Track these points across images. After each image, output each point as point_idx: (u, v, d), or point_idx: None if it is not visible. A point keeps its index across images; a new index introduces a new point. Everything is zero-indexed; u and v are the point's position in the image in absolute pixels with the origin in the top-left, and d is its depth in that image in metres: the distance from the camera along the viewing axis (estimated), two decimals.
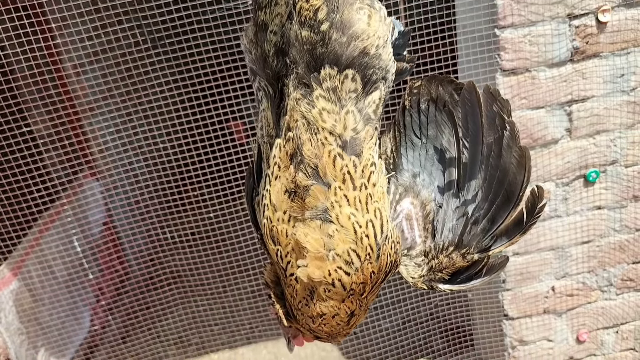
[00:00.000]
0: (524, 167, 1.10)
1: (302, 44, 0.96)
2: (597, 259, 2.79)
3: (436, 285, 1.13)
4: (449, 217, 1.15)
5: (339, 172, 0.99)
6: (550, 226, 2.69)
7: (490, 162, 1.12)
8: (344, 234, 1.00)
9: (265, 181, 1.05)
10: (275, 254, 1.04)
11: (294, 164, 1.00)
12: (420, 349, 3.27)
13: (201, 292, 3.63)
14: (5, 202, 2.94)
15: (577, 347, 2.97)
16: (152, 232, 3.75)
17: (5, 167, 2.84)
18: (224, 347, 3.93)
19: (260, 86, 1.04)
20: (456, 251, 1.13)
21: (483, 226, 1.12)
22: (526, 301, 2.84)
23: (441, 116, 1.16)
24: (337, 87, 0.98)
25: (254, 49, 1.02)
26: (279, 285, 1.12)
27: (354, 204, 1.00)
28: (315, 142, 0.98)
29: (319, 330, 1.08)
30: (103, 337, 3.97)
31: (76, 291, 3.60)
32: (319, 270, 1.00)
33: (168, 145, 3.53)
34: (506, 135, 1.10)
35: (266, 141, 1.06)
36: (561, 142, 2.56)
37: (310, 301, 1.04)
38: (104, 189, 4.01)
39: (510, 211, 1.11)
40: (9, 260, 3.18)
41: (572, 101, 2.49)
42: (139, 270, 3.99)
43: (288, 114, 1.00)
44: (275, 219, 1.02)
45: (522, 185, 1.10)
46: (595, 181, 2.63)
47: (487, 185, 1.13)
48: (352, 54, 0.96)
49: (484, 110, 1.11)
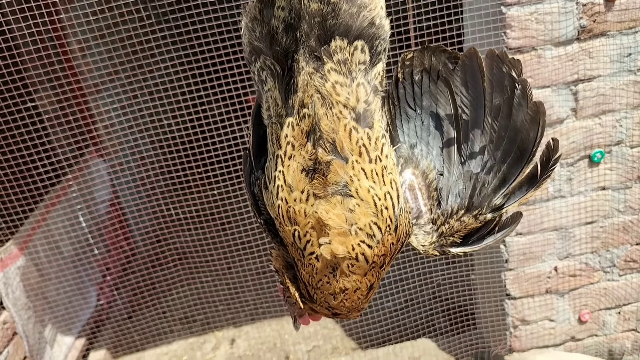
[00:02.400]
0: (538, 122, 1.09)
1: (313, 16, 0.95)
2: (600, 240, 2.79)
3: (448, 249, 1.14)
4: (454, 183, 1.15)
5: (355, 145, 0.99)
6: (554, 206, 2.69)
7: (499, 123, 1.11)
8: (364, 207, 1.00)
9: (277, 162, 1.03)
10: (292, 235, 1.03)
11: (312, 140, 0.99)
12: (422, 327, 3.30)
13: (206, 271, 3.66)
14: (12, 179, 2.96)
15: (578, 328, 2.98)
16: (158, 210, 3.77)
17: (12, 144, 2.86)
18: (229, 325, 3.98)
19: (265, 65, 1.02)
20: (467, 214, 1.13)
21: (494, 186, 1.12)
22: (528, 281, 2.85)
23: (435, 86, 1.15)
24: (348, 59, 0.97)
25: (259, 27, 1.00)
26: (290, 269, 1.11)
27: (372, 177, 1.00)
28: (331, 117, 0.98)
29: (340, 307, 1.08)
30: (109, 314, 4.03)
31: (82, 268, 3.64)
32: (342, 246, 1.00)
33: (173, 123, 3.53)
34: (517, 94, 1.10)
35: (275, 121, 1.04)
36: (566, 122, 2.54)
37: (332, 278, 1.03)
38: (110, 167, 4.03)
39: (523, 168, 1.11)
40: (16, 237, 3.22)
41: (578, 80, 2.47)
42: (145, 249, 4.03)
43: (301, 90, 0.99)
44: (291, 199, 1.01)
45: (536, 141, 1.09)
46: (600, 162, 2.62)
47: (494, 146, 1.12)
48: (362, 24, 0.96)
49: (487, 74, 1.11)
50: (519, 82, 1.09)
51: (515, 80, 1.10)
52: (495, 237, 1.14)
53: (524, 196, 1.12)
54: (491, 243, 1.14)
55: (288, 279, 1.11)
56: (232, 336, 3.94)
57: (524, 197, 1.12)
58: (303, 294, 1.09)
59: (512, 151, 1.11)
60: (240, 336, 3.92)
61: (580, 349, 3.03)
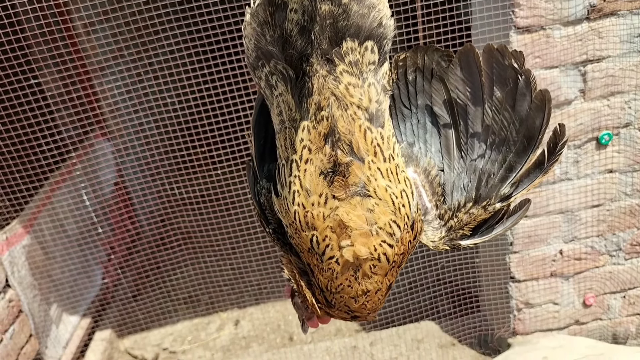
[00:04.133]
0: (544, 110, 1.09)
1: (324, 18, 0.94)
2: (606, 223, 2.77)
3: (458, 243, 1.14)
4: (457, 177, 1.16)
5: (370, 145, 1.00)
6: (560, 189, 2.66)
7: (503, 114, 1.12)
8: (383, 207, 1.00)
9: (292, 168, 1.02)
10: (309, 241, 1.02)
11: (330, 143, 0.99)
12: (426, 310, 3.30)
13: (210, 252, 3.67)
14: (17, 159, 2.97)
15: (583, 311, 2.97)
16: (163, 191, 3.78)
17: (16, 123, 2.86)
18: (233, 306, 4.00)
19: (277, 69, 1.00)
20: (476, 205, 1.14)
21: (501, 176, 1.13)
22: (533, 264, 2.83)
23: (429, 85, 1.16)
24: (359, 60, 0.98)
25: (270, 31, 0.97)
26: (303, 276, 1.11)
27: (387, 176, 1.01)
28: (347, 118, 0.99)
29: (361, 309, 1.07)
30: (114, 294, 4.05)
31: (87, 248, 3.66)
32: (365, 247, 1.00)
33: (178, 104, 3.52)
34: (520, 85, 1.10)
35: (289, 126, 1.02)
36: (574, 103, 2.51)
37: (354, 281, 1.03)
38: (115, 148, 4.03)
39: (529, 155, 1.11)
40: (21, 217, 3.23)
41: (587, 61, 2.44)
42: (150, 229, 4.04)
43: (316, 93, 0.98)
44: (309, 204, 1.00)
45: (542, 129, 1.09)
46: (607, 144, 2.59)
47: (497, 137, 1.13)
48: (372, 25, 0.97)
49: (485, 69, 1.11)
50: (521, 73, 1.10)
51: (518, 72, 1.10)
52: (505, 225, 1.15)
53: (532, 183, 1.12)
54: (501, 232, 1.15)
55: (304, 286, 1.10)
56: (237, 317, 3.96)
57: (532, 184, 1.12)
58: (319, 299, 1.08)
59: (518, 140, 1.11)
60: (245, 317, 3.94)
61: (584, 332, 3.02)
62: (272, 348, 3.57)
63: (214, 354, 3.67)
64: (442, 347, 3.22)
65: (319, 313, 1.11)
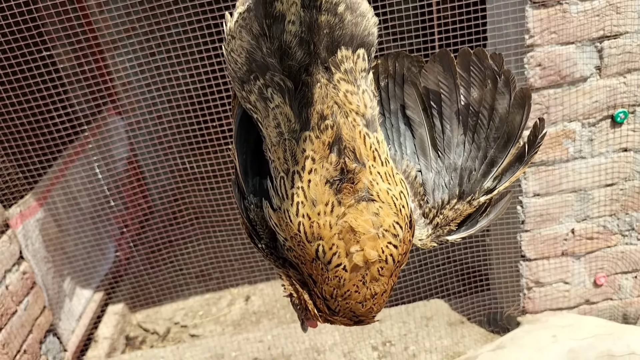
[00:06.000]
0: (524, 107, 1.14)
1: (322, 28, 0.96)
2: (619, 203, 2.74)
3: (445, 239, 1.17)
4: (436, 176, 1.19)
5: (369, 150, 1.02)
6: (574, 167, 2.64)
7: (482, 113, 1.16)
8: (387, 209, 1.02)
9: (293, 179, 1.02)
10: (314, 251, 1.02)
11: (336, 151, 1.00)
12: (435, 288, 3.31)
13: (222, 229, 3.70)
14: (31, 134, 2.99)
15: (593, 291, 2.96)
16: (175, 168, 3.80)
17: (31, 100, 2.88)
18: (244, 282, 4.04)
19: (273, 82, 0.99)
20: (461, 201, 1.17)
21: (483, 171, 1.17)
22: (544, 243, 2.82)
23: (401, 90, 1.20)
24: (353, 68, 1.00)
25: (267, 44, 0.96)
26: (304, 287, 1.11)
27: (387, 179, 1.04)
28: (349, 125, 1.01)
29: (367, 313, 1.08)
30: (127, 269, 4.10)
31: (101, 223, 3.70)
32: (373, 251, 1.01)
33: (190, 80, 3.52)
34: (500, 85, 1.15)
35: (288, 138, 1.01)
36: (590, 81, 2.48)
37: (362, 286, 1.04)
38: (127, 124, 4.05)
39: (510, 149, 1.16)
40: (35, 190, 3.27)
41: (603, 37, 2.40)
42: (162, 206, 4.08)
43: (318, 102, 0.99)
44: (315, 214, 1.01)
45: (521, 124, 1.14)
46: (623, 122, 2.56)
47: (477, 135, 1.17)
48: (363, 33, 0.99)
49: (460, 72, 1.16)
50: (500, 74, 1.15)
51: (497, 73, 1.15)
52: (489, 217, 1.20)
53: (514, 175, 1.17)
54: (485, 224, 1.20)
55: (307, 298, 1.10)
56: (247, 293, 4.00)
57: (514, 175, 1.17)
58: (321, 308, 1.09)
59: (499, 137, 1.16)
60: (255, 293, 3.97)
61: (594, 312, 3.02)
62: (282, 323, 3.60)
63: (224, 329, 3.71)
64: (451, 324, 3.24)
65: (321, 321, 1.13)
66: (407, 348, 3.15)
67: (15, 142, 2.98)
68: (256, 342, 3.36)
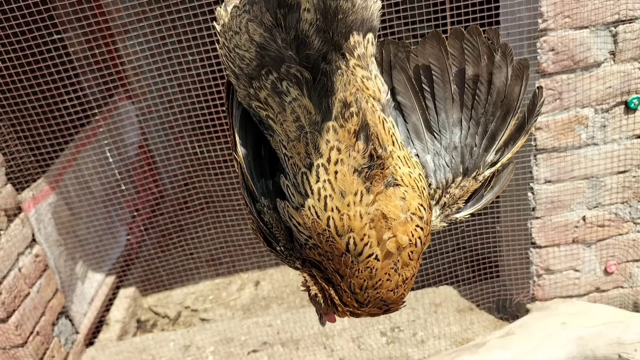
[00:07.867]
0: (522, 78, 1.14)
1: (337, 13, 0.92)
2: (632, 190, 2.72)
3: (454, 217, 1.17)
4: (436, 158, 1.18)
5: (388, 135, 1.02)
6: (586, 154, 2.61)
7: (479, 89, 1.15)
8: (411, 192, 1.02)
9: (318, 173, 0.98)
10: (345, 244, 0.99)
11: (363, 138, 0.98)
12: (445, 274, 3.31)
13: (232, 214, 3.72)
14: (43, 118, 3.01)
15: (604, 279, 2.95)
16: (186, 154, 3.81)
17: (43, 84, 2.90)
18: (254, 268, 4.06)
19: (289, 74, 0.94)
20: (466, 178, 1.16)
21: (484, 145, 1.16)
22: (555, 230, 2.81)
23: (389, 76, 1.18)
24: (364, 53, 0.99)
25: (283, 34, 0.91)
26: (329, 283, 1.08)
27: (406, 163, 1.04)
28: (370, 111, 0.99)
29: (399, 300, 1.07)
30: (138, 253, 4.14)
31: (112, 208, 3.73)
32: (405, 235, 1.00)
33: (201, 66, 3.52)
34: (496, 59, 1.14)
35: (310, 130, 0.97)
36: (604, 66, 2.44)
37: (394, 273, 1.02)
38: (139, 110, 4.07)
39: (510, 121, 1.15)
40: (47, 174, 3.30)
41: (618, 21, 2.36)
42: (173, 191, 4.10)
43: (340, 90, 0.96)
44: (344, 205, 0.98)
45: (520, 95, 1.14)
46: (637, 108, 2.52)
47: (475, 112, 1.16)
48: (371, 17, 0.98)
49: (452, 51, 1.15)
50: (496, 48, 1.14)
51: (493, 48, 1.14)
52: (494, 191, 1.19)
53: (515, 145, 1.17)
54: (491, 198, 1.19)
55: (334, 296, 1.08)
56: (257, 278, 4.02)
57: (516, 145, 1.17)
58: (347, 302, 1.07)
59: (498, 110, 1.15)
60: (265, 279, 4.00)
61: (604, 300, 3.00)
62: (291, 309, 3.62)
63: (234, 313, 3.74)
64: (460, 311, 3.24)
65: (347, 316, 1.11)
66: (415, 334, 3.16)
67: (28, 126, 3.00)
68: (265, 326, 3.38)
